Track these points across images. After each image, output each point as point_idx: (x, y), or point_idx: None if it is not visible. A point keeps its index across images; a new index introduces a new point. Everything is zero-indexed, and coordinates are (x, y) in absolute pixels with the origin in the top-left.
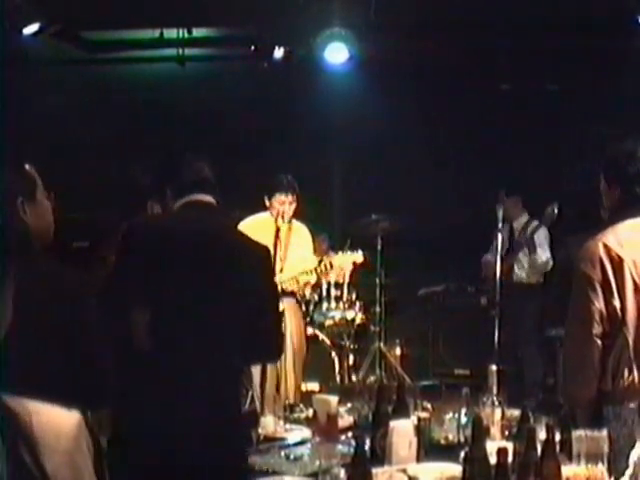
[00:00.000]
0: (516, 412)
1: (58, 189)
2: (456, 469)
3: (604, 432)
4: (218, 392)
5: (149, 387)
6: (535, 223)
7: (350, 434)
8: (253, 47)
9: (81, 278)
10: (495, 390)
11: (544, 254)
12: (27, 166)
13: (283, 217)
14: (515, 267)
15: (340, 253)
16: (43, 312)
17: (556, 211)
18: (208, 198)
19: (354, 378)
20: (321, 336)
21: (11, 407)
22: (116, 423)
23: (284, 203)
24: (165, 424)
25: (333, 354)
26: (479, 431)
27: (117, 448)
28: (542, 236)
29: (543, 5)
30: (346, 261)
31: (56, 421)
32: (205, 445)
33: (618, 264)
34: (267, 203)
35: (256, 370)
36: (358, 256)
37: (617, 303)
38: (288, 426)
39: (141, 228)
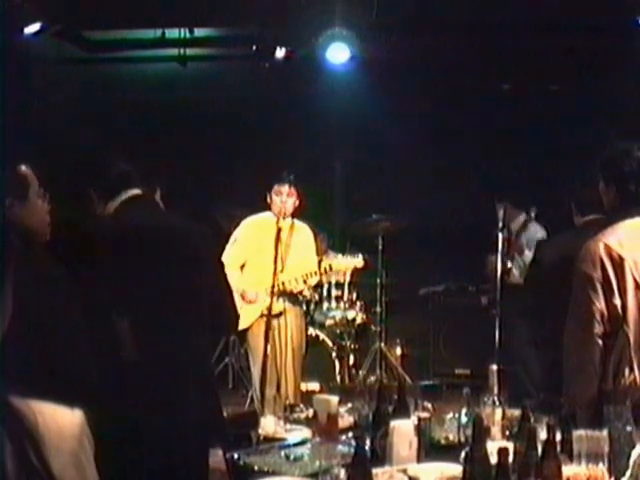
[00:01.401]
0: (517, 412)
1: (58, 188)
2: (457, 469)
3: (604, 432)
4: (195, 385)
5: (129, 389)
6: (534, 223)
7: (350, 434)
8: (254, 47)
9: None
10: (496, 390)
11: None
12: (23, 166)
13: (284, 213)
14: (513, 268)
15: (340, 256)
16: (41, 312)
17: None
18: (137, 191)
19: (354, 378)
20: (321, 336)
21: (16, 408)
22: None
23: (282, 194)
24: (150, 421)
25: (333, 354)
26: (480, 431)
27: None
28: (533, 236)
29: (543, 5)
30: (346, 265)
31: (60, 421)
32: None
33: (619, 264)
34: (268, 199)
35: (256, 370)
36: (358, 261)
37: (618, 302)
38: (288, 426)
39: (94, 234)
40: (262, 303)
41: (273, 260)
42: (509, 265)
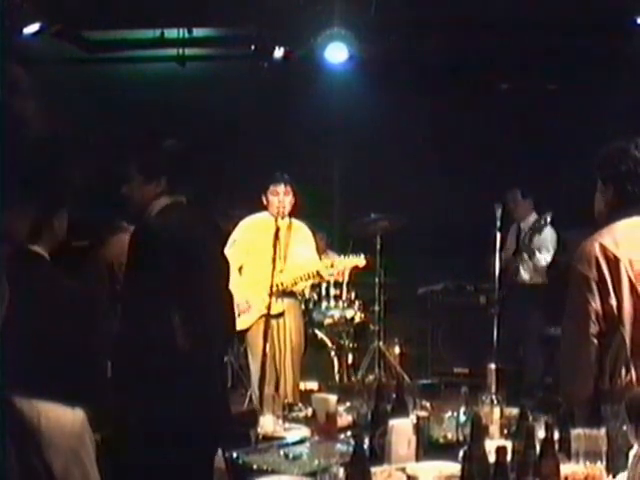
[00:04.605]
0: (515, 411)
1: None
2: (455, 468)
3: (602, 430)
4: (215, 385)
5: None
6: (548, 227)
7: (349, 433)
8: (253, 47)
9: (80, 279)
10: (494, 389)
11: (544, 258)
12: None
13: (282, 213)
14: (520, 268)
15: (342, 256)
16: (43, 313)
17: (549, 219)
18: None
19: (353, 377)
20: (320, 335)
21: (19, 408)
22: (119, 421)
23: (279, 194)
24: (174, 420)
25: (332, 353)
26: (478, 430)
27: (114, 446)
28: (545, 238)
29: (543, 5)
30: (348, 264)
31: (62, 420)
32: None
33: (614, 264)
34: (264, 200)
35: (255, 369)
36: (360, 260)
37: (614, 302)
38: (287, 425)
39: (154, 230)
40: (261, 304)
41: (272, 260)
42: (516, 263)
